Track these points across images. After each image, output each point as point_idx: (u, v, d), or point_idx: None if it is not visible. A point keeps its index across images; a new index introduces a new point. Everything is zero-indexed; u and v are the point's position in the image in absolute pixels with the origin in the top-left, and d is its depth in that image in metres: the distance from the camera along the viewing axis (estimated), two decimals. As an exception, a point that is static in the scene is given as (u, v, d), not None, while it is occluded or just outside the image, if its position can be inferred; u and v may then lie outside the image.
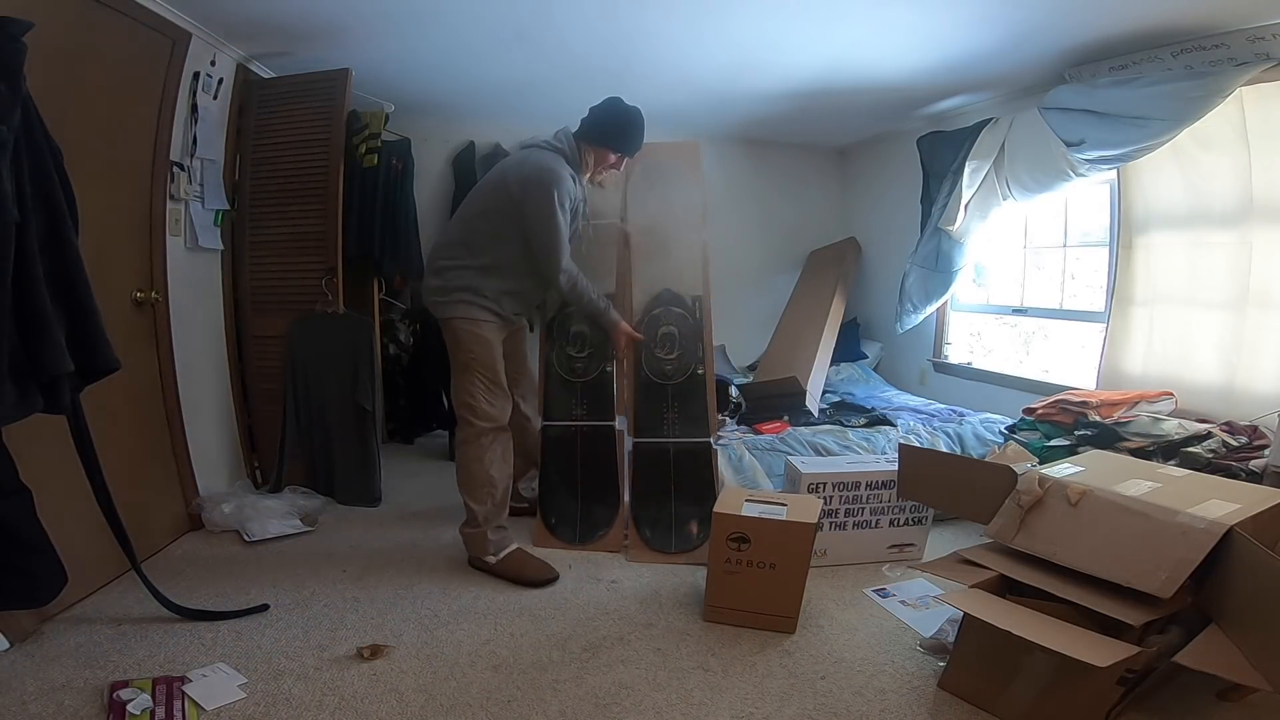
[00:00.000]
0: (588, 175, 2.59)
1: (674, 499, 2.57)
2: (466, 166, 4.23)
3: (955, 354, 4.26)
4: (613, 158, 2.58)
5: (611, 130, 2.53)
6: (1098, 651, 1.37)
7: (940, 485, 2.18)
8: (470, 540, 2.43)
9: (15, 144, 1.44)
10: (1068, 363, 3.58)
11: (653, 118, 4.21)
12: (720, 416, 3.39)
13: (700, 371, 2.63)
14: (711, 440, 2.61)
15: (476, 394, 2.39)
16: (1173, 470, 1.94)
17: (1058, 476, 1.79)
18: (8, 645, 1.82)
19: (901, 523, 2.50)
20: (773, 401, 3.54)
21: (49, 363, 1.52)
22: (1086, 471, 1.84)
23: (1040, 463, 2.27)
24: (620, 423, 2.67)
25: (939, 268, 3.66)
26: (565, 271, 2.42)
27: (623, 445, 2.67)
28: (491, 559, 2.39)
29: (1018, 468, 1.92)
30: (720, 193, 4.83)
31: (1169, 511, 1.55)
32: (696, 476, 2.60)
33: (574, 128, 2.54)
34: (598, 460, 2.67)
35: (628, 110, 2.55)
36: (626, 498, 2.64)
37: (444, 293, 2.40)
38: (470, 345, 2.38)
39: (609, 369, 2.71)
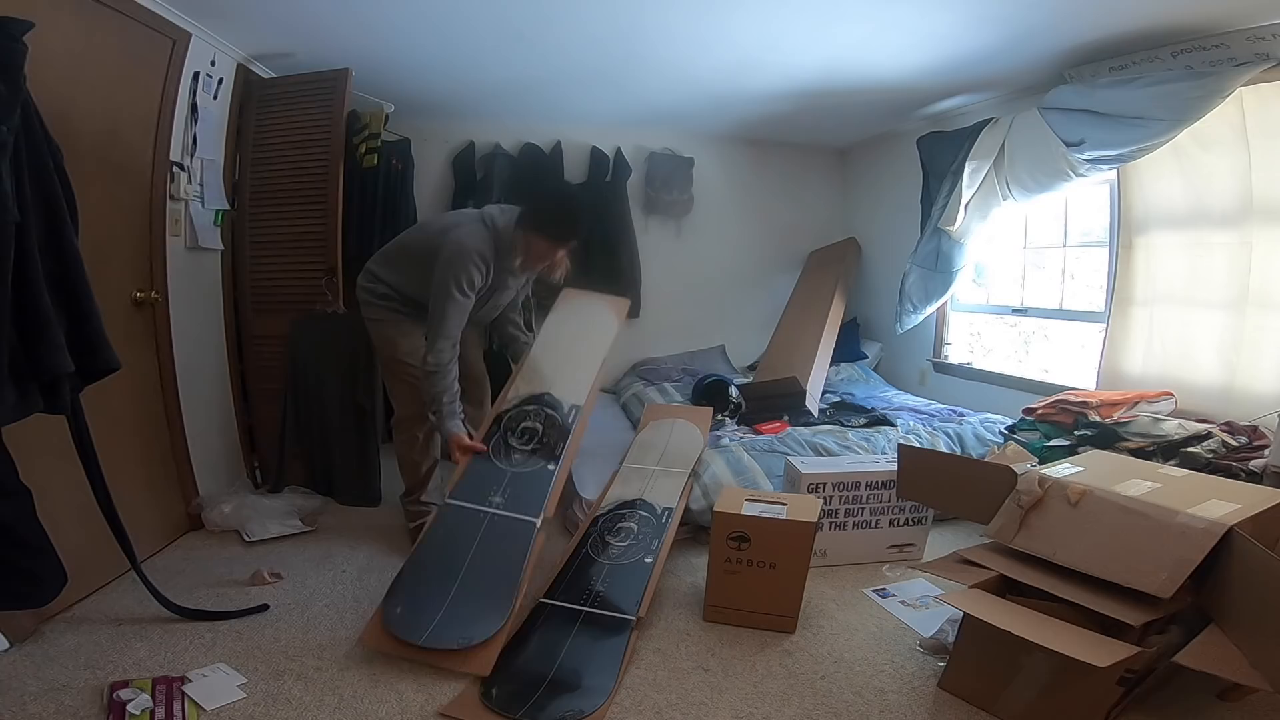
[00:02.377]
0: (519, 261, 2.44)
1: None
2: (466, 166, 4.23)
3: (955, 354, 4.26)
4: (544, 246, 2.41)
5: (536, 217, 2.40)
6: (1098, 651, 1.37)
7: (940, 485, 2.18)
8: (403, 506, 2.78)
9: (15, 144, 1.44)
10: (1068, 363, 3.58)
11: (653, 118, 4.30)
12: (720, 417, 3.40)
13: (649, 560, 2.17)
14: (537, 523, 2.08)
15: (393, 386, 2.64)
16: (1173, 470, 1.94)
17: (1058, 476, 1.79)
18: (8, 645, 1.82)
19: (901, 523, 2.50)
20: (772, 402, 3.54)
21: (49, 363, 1.52)
22: (1086, 471, 1.84)
23: (1040, 462, 2.28)
24: (540, 522, 2.13)
25: (939, 268, 3.66)
26: (437, 354, 2.32)
27: (537, 548, 2.07)
28: (411, 525, 2.68)
29: (1018, 468, 1.92)
30: (720, 193, 4.86)
31: (1169, 512, 1.55)
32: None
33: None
34: (495, 555, 2.02)
35: (555, 194, 2.57)
36: (515, 607, 1.91)
37: (362, 291, 2.62)
38: (377, 342, 2.64)
39: (551, 468, 2.27)
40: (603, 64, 3.25)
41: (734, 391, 3.58)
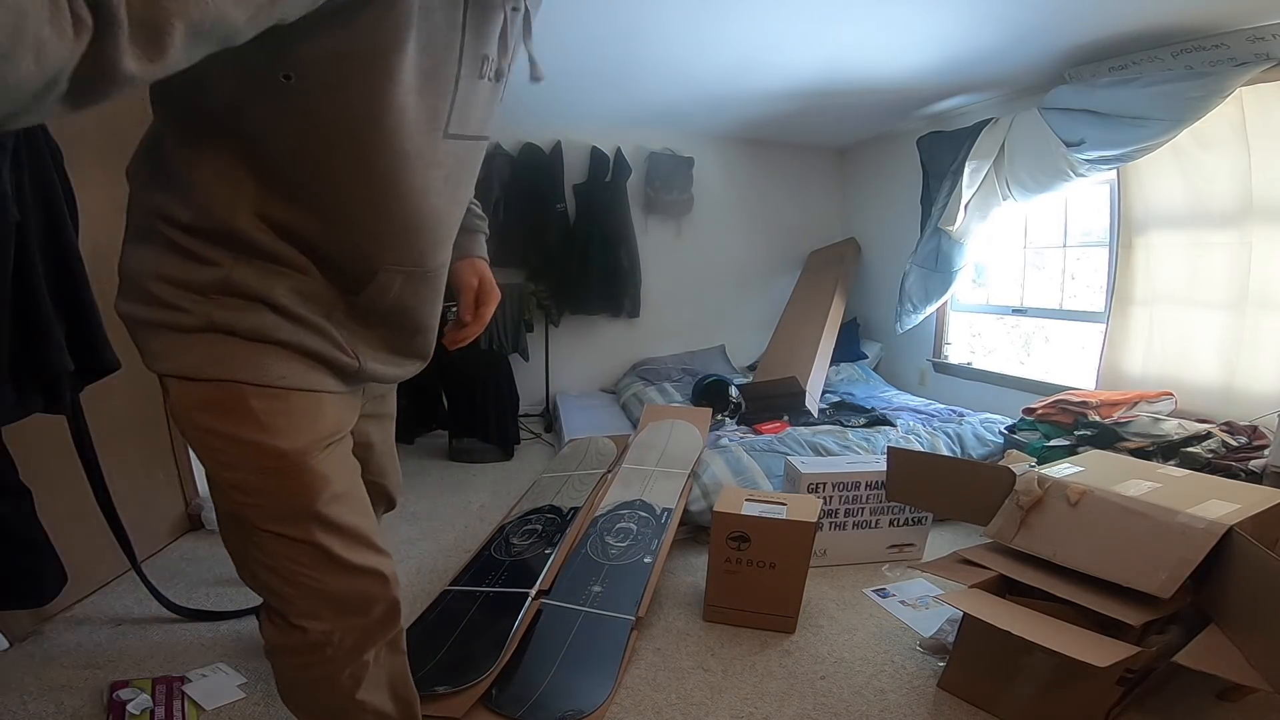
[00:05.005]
0: None
1: (557, 667, 1.78)
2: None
3: (955, 354, 4.27)
4: None
5: None
6: (1098, 651, 1.37)
7: (930, 487, 2.19)
8: None
9: (15, 144, 1.44)
10: (1068, 363, 3.59)
11: (653, 118, 4.30)
12: (720, 417, 3.41)
13: (648, 560, 2.20)
14: (632, 618, 1.95)
15: (282, 568, 1.01)
16: (1172, 470, 1.94)
17: (1057, 476, 1.79)
18: (7, 645, 1.82)
19: (901, 523, 2.50)
20: (772, 401, 3.54)
21: (49, 362, 1.52)
22: (1086, 471, 1.84)
23: (1040, 463, 2.27)
24: (536, 593, 2.05)
25: (939, 268, 3.66)
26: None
27: (529, 614, 1.96)
28: None
29: (1017, 468, 1.92)
30: (720, 193, 4.86)
31: (1169, 512, 1.55)
32: (595, 650, 1.84)
33: None
34: (486, 625, 1.92)
35: None
36: (495, 670, 1.71)
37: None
38: (239, 458, 0.96)
39: (548, 552, 2.26)
40: (601, 64, 3.25)
41: (734, 391, 3.59)
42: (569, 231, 4.45)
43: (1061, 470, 1.86)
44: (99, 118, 2.23)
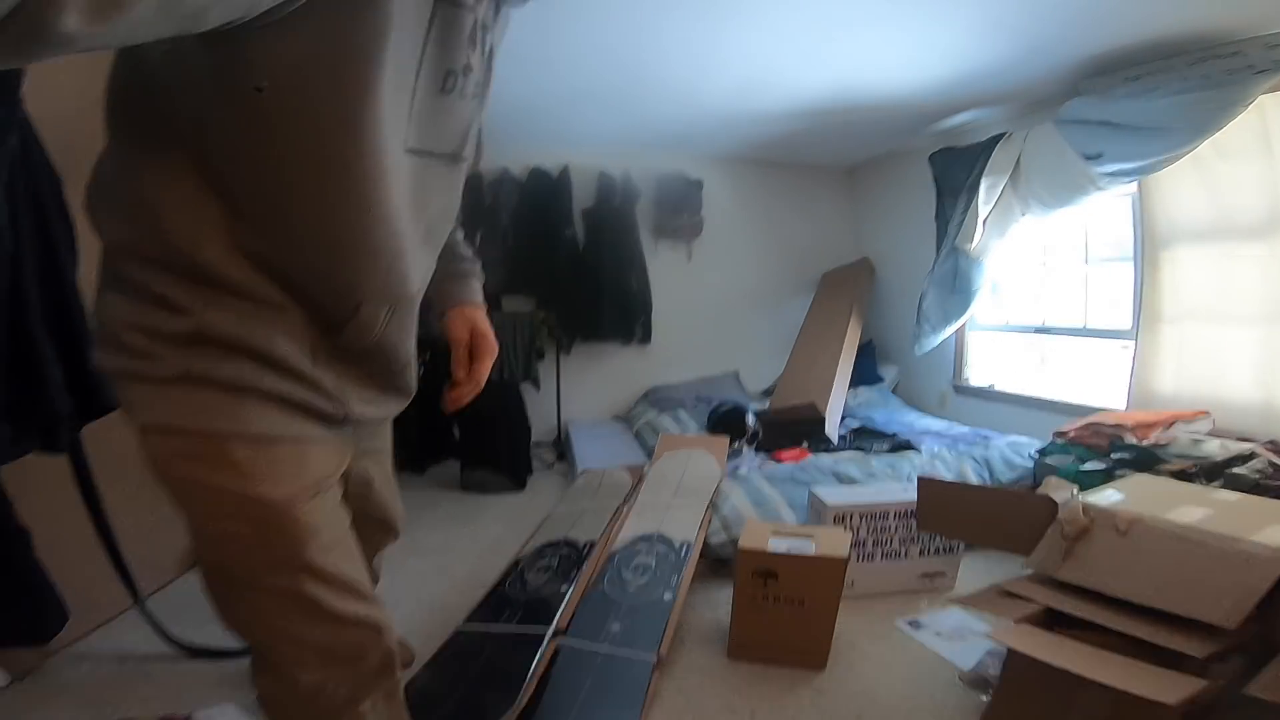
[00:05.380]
0: None
1: (576, 712, 1.68)
2: (473, 190, 4.21)
3: (976, 375, 4.17)
4: None
5: None
6: (1164, 687, 1.27)
7: (965, 518, 2.09)
8: None
9: (11, 172, 1.40)
10: (1095, 383, 3.49)
11: (660, 140, 4.28)
12: (737, 445, 3.32)
13: (669, 596, 2.10)
14: (653, 658, 1.84)
15: (271, 620, 0.96)
16: (1224, 494, 1.84)
17: (1103, 505, 1.71)
18: (8, 681, 1.76)
19: (931, 551, 2.40)
20: (791, 428, 3.46)
21: (47, 404, 1.47)
22: (1131, 498, 1.75)
23: (1077, 487, 2.18)
24: (553, 633, 1.93)
25: (957, 288, 3.60)
26: None
27: (546, 655, 1.85)
28: None
29: (1059, 496, 1.84)
30: (730, 215, 4.83)
31: (1229, 539, 1.47)
32: (616, 692, 1.75)
33: None
34: (501, 666, 1.81)
35: None
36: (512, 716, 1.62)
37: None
38: (215, 506, 0.92)
39: (564, 589, 2.13)
40: (606, 87, 3.24)
41: (751, 419, 3.51)
42: (578, 257, 4.42)
43: (1105, 497, 1.77)
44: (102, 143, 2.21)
